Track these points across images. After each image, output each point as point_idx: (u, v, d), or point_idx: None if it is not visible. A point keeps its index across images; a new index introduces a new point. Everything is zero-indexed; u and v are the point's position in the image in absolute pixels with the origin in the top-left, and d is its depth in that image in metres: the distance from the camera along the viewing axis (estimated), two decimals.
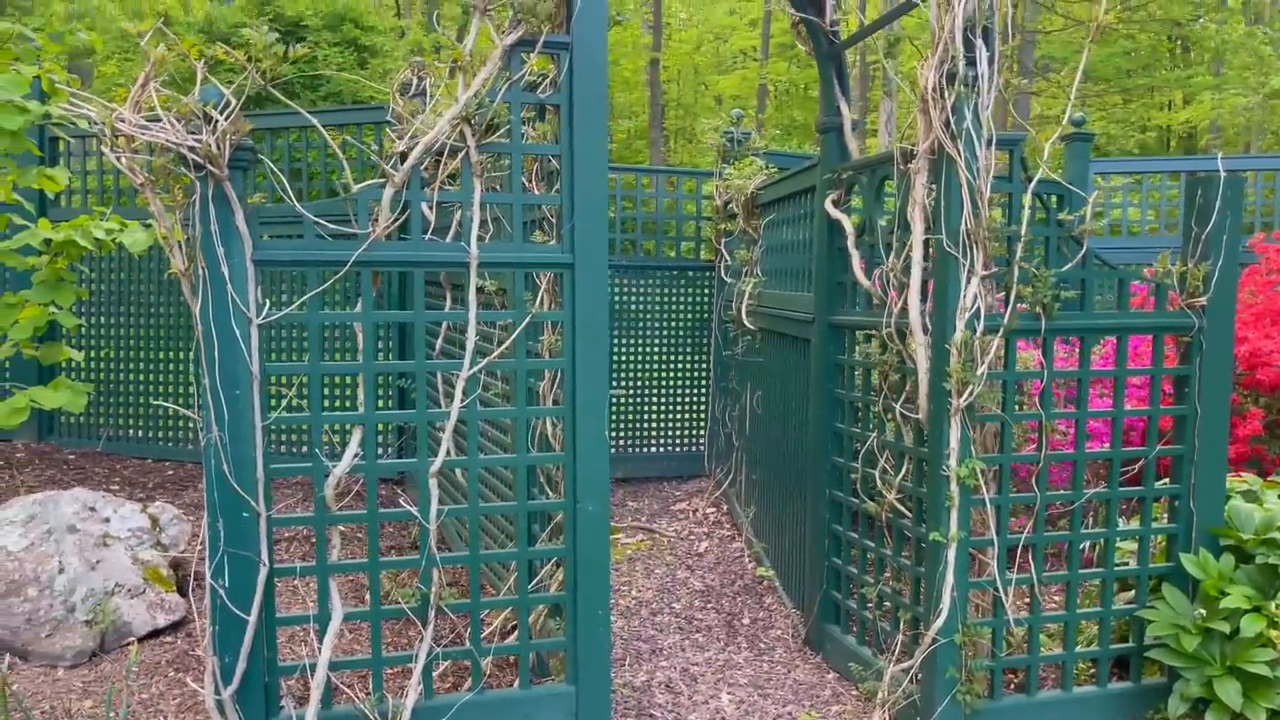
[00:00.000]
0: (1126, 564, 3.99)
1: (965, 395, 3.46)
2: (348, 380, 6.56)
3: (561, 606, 3.35)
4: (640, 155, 28.10)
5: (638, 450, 7.74)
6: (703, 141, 7.52)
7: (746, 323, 5.99)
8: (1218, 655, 3.52)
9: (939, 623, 3.49)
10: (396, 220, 2.99)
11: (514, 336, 3.13)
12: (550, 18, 3.05)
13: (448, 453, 3.09)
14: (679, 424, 7.84)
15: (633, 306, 7.66)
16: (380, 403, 6.56)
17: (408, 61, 3.52)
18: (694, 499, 6.99)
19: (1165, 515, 3.91)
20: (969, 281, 3.47)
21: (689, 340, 7.77)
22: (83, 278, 6.81)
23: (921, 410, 3.65)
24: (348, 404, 6.52)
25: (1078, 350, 3.95)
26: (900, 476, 3.86)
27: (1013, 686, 3.86)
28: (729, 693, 4.07)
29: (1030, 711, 3.68)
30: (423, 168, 3.06)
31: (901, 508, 3.86)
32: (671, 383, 7.79)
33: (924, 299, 3.68)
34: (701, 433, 7.78)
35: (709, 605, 5.05)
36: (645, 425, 7.76)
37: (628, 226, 7.66)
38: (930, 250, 3.60)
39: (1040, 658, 3.71)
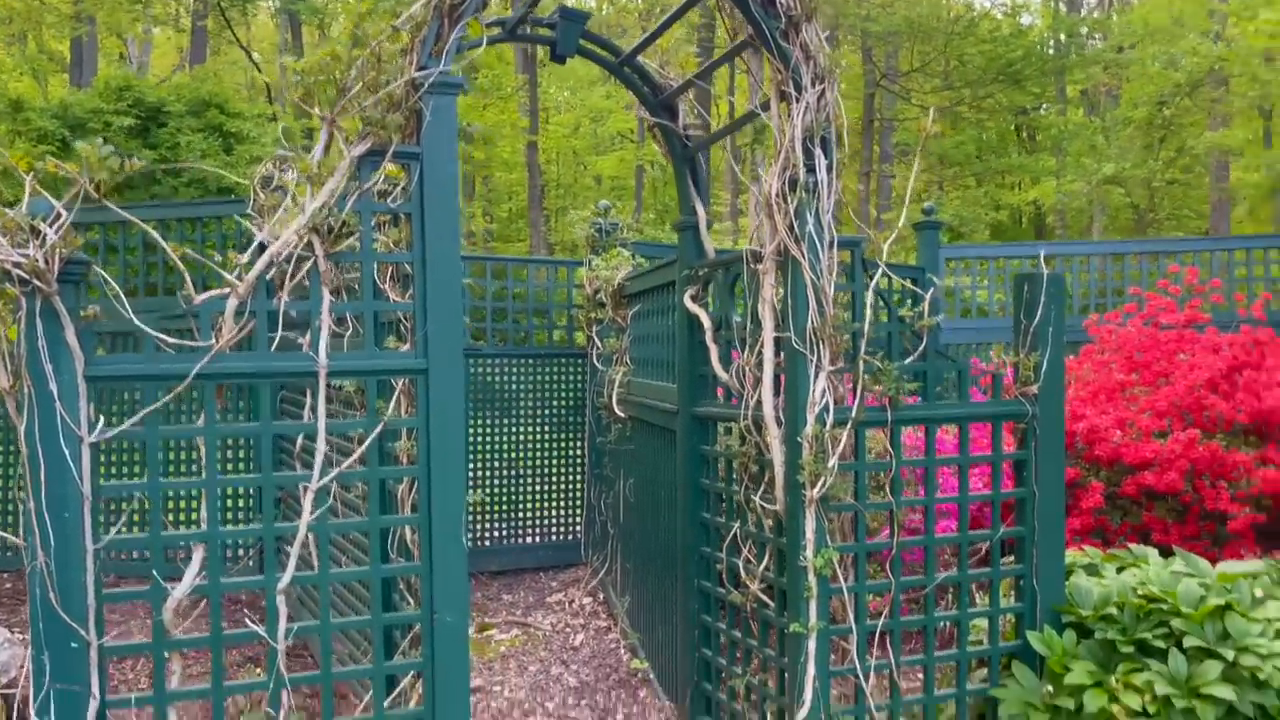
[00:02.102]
0: (981, 643, 4.13)
1: (818, 487, 3.56)
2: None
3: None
4: (521, 235, 28.30)
5: (513, 541, 7.64)
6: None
7: (618, 411, 6.04)
8: None
9: (803, 713, 3.52)
10: (241, 331, 2.93)
11: (365, 446, 3.08)
12: (400, 129, 3.08)
13: (297, 567, 3.00)
14: (555, 512, 7.78)
15: (508, 394, 7.63)
16: (250, 508, 6.31)
17: (271, 155, 3.49)
18: (570, 589, 6.91)
19: (1014, 594, 4.07)
20: (817, 377, 3.59)
21: (565, 427, 7.77)
22: None
23: (779, 501, 3.73)
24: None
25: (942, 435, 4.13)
26: (763, 566, 3.91)
27: None
28: None
29: None
30: (269, 275, 3.01)
31: (765, 598, 3.91)
32: (547, 471, 7.75)
33: (777, 393, 3.80)
34: (578, 521, 7.74)
35: (583, 702, 4.97)
36: (521, 515, 7.68)
37: (499, 316, 7.67)
38: (781, 346, 3.73)
39: None
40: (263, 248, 2.97)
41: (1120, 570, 4.35)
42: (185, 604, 2.96)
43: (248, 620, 3.02)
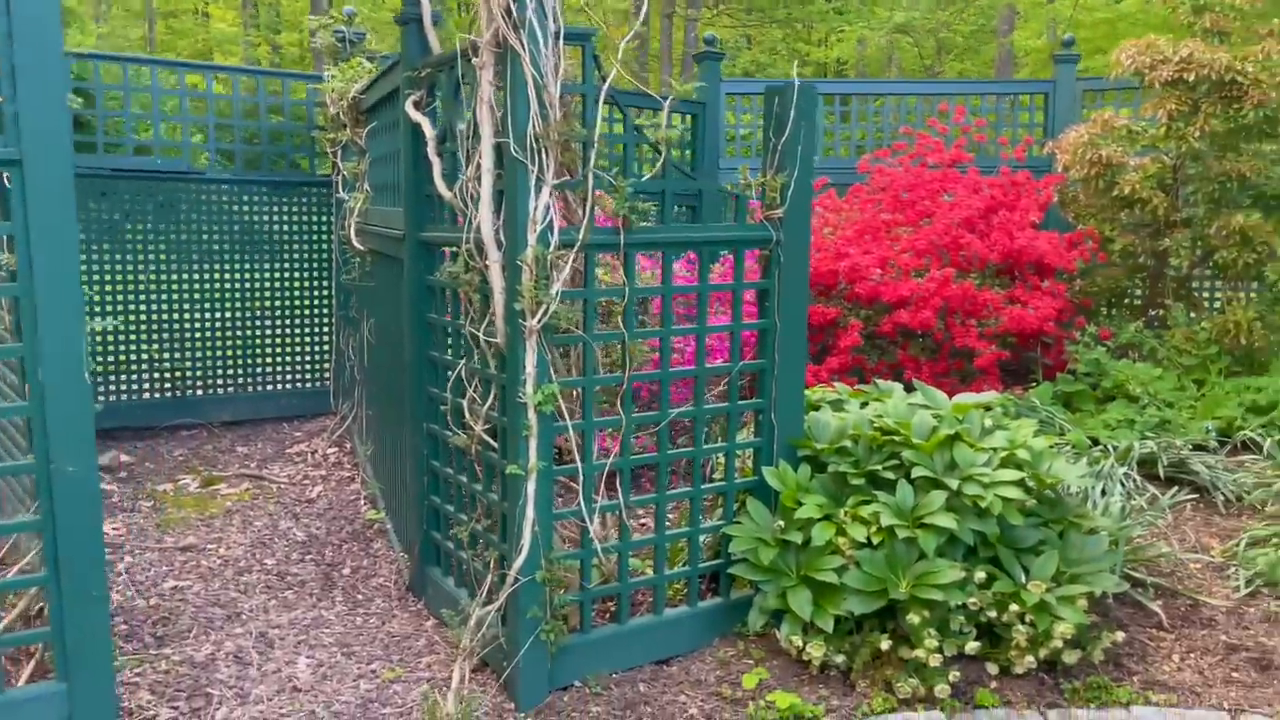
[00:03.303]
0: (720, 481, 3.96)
1: (539, 316, 3.17)
2: None
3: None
4: (309, 70, 25.95)
5: (253, 389, 6.97)
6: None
7: (357, 243, 5.43)
8: (793, 566, 3.56)
9: (520, 560, 3.24)
10: None
11: None
12: None
13: None
14: (302, 358, 7.14)
15: (242, 227, 6.80)
16: None
17: None
18: (315, 439, 6.39)
19: (754, 430, 3.90)
20: (539, 191, 3.16)
21: (310, 264, 7.06)
22: None
23: (500, 333, 3.34)
24: None
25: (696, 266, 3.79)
26: (487, 406, 3.55)
27: (608, 616, 3.72)
28: (309, 655, 3.64)
29: (621, 640, 3.56)
30: None
31: (489, 439, 3.56)
32: (292, 312, 7.06)
33: (498, 212, 3.34)
34: (327, 367, 7.15)
35: (308, 557, 4.56)
36: (262, 360, 6.99)
37: (224, 134, 6.74)
38: (502, 156, 3.26)
39: (630, 584, 3.59)
40: None
41: (864, 405, 4.26)
42: None
43: None
